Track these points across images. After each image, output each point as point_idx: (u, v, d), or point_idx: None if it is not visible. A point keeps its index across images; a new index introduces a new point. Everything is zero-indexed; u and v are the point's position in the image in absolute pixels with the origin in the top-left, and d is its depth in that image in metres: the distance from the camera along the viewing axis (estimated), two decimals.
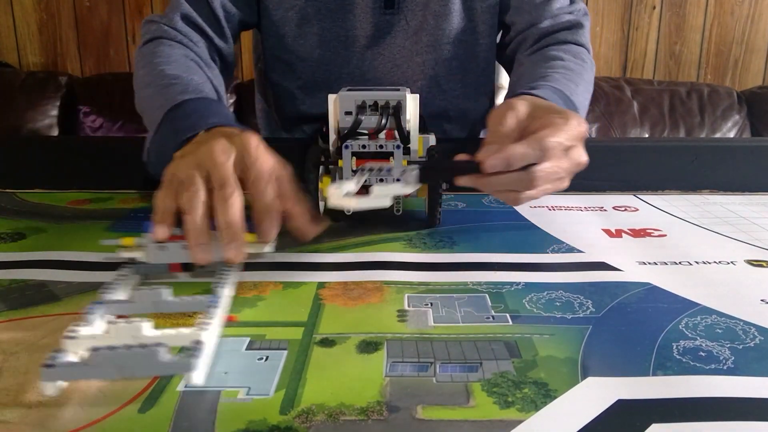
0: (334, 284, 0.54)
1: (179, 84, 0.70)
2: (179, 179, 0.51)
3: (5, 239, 0.64)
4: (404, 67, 0.92)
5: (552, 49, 0.87)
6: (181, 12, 0.85)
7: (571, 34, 0.89)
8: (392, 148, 0.61)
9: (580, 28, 0.90)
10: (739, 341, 0.44)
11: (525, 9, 0.90)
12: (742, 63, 2.34)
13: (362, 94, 0.63)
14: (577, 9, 0.92)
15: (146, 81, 0.75)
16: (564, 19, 0.90)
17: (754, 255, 0.61)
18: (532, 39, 0.90)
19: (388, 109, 0.62)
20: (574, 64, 0.82)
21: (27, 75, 2.12)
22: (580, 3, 0.93)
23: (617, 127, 2.07)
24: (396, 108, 0.62)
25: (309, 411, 0.36)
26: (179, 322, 0.46)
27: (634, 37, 2.31)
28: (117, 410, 0.36)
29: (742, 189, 0.84)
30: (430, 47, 0.91)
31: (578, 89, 0.77)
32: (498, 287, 0.53)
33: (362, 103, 0.63)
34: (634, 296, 0.51)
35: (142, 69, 0.78)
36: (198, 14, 0.85)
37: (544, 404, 0.37)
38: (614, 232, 0.67)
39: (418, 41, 0.90)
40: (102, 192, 0.82)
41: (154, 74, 0.74)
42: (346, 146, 0.61)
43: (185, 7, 0.85)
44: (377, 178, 0.56)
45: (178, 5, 0.85)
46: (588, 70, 0.84)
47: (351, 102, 0.63)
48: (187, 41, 0.84)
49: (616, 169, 0.84)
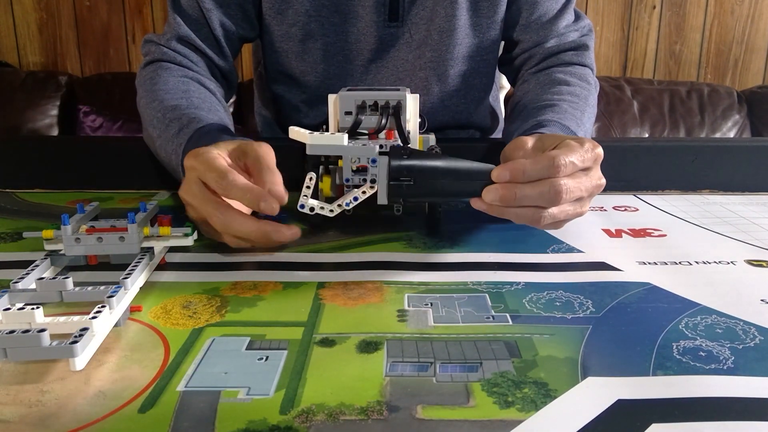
0: (334, 284, 0.54)
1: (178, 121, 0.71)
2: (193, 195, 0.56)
3: (5, 239, 0.64)
4: (407, 81, 0.91)
5: (558, 71, 0.87)
6: (178, 34, 0.85)
7: (576, 55, 0.89)
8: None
9: (585, 50, 0.90)
10: (739, 341, 0.44)
11: (532, 28, 0.90)
12: (742, 62, 2.34)
13: (362, 94, 0.63)
14: (582, 26, 0.92)
15: (149, 113, 0.76)
16: (570, 38, 0.90)
17: (754, 255, 0.61)
18: (538, 58, 0.91)
19: (388, 109, 0.62)
20: (580, 88, 0.83)
21: (27, 75, 2.12)
22: (585, 19, 0.93)
23: (617, 126, 2.07)
24: (396, 108, 0.62)
25: (309, 411, 0.36)
26: (88, 311, 0.45)
27: (634, 37, 2.31)
28: (117, 410, 0.36)
29: (742, 189, 0.84)
30: (434, 62, 0.90)
31: (584, 117, 0.78)
32: (498, 287, 0.53)
33: (362, 103, 0.62)
34: (634, 296, 0.51)
35: (145, 96, 0.79)
36: (196, 35, 0.85)
37: (544, 404, 0.37)
38: (614, 232, 0.67)
39: (422, 56, 0.90)
40: (102, 192, 0.82)
41: (155, 106, 0.75)
42: None
43: (183, 29, 0.85)
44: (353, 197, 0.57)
45: (176, 26, 0.85)
46: (592, 93, 0.85)
47: (351, 102, 0.62)
48: (187, 62, 0.84)
49: (616, 169, 0.84)
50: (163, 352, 0.43)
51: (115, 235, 0.54)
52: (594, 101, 0.84)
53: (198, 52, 0.86)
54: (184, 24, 0.85)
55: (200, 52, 0.86)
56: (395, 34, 0.88)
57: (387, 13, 0.87)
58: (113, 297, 0.44)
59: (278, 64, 0.94)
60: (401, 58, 0.90)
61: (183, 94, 0.76)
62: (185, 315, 0.48)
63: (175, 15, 0.86)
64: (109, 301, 0.44)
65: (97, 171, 0.85)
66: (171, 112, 0.73)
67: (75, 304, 0.48)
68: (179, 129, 0.69)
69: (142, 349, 0.43)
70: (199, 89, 0.80)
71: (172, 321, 0.47)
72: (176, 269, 0.57)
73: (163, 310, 0.49)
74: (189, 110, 0.72)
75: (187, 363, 0.41)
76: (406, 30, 0.88)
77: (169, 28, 0.87)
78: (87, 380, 0.39)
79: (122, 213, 0.57)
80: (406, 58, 0.90)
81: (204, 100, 0.77)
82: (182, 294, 0.52)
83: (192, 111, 0.72)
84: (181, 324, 0.46)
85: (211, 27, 0.85)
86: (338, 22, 0.87)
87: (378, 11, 0.86)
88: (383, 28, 0.87)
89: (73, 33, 2.24)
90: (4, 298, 0.45)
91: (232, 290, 0.52)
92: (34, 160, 0.86)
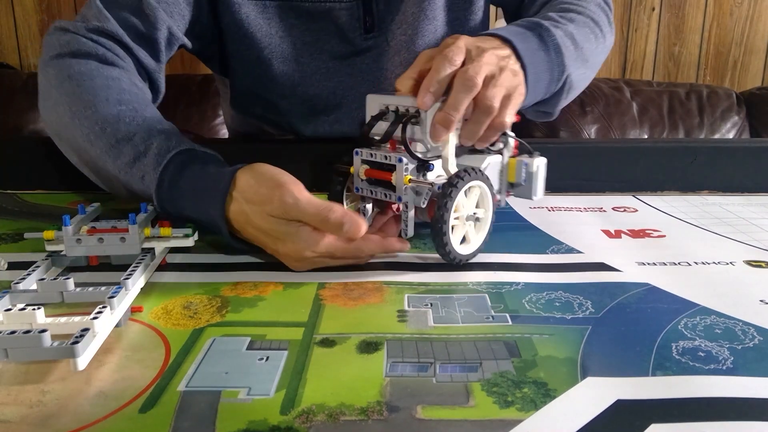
0: (334, 284, 0.54)
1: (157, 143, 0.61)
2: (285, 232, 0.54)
3: (6, 240, 0.64)
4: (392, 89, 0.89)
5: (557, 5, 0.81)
6: (103, 28, 0.72)
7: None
8: (395, 160, 0.56)
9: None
10: (738, 341, 0.44)
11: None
12: (741, 64, 2.34)
13: (385, 98, 0.60)
14: None
15: (82, 123, 0.64)
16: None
17: (753, 255, 0.61)
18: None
19: (401, 118, 0.58)
20: (579, 8, 0.77)
21: (28, 76, 2.12)
22: None
23: (616, 128, 2.07)
24: (406, 116, 0.58)
25: (309, 411, 0.36)
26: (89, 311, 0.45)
27: (634, 39, 2.31)
28: (118, 410, 0.36)
29: (741, 190, 0.84)
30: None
31: (568, 24, 0.71)
32: (498, 287, 0.53)
33: (385, 108, 0.60)
34: (634, 296, 0.52)
35: (65, 99, 0.66)
36: (126, 31, 0.73)
37: (544, 404, 0.37)
38: (613, 232, 0.67)
39: (403, 61, 0.88)
40: (103, 193, 0.82)
41: (89, 115, 0.64)
42: (356, 152, 0.59)
43: (110, 24, 0.72)
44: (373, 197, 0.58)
45: (102, 18, 0.72)
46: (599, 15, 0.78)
47: (376, 106, 0.61)
48: (112, 57, 0.71)
49: (615, 170, 0.84)
50: (164, 352, 0.43)
51: (116, 236, 0.54)
52: (596, 20, 0.78)
53: (125, 49, 0.73)
54: (112, 18, 0.72)
55: (127, 49, 0.73)
56: (373, 45, 0.86)
57: (362, 27, 0.85)
58: (114, 297, 0.44)
59: (254, 87, 0.89)
60: (382, 67, 0.88)
61: (122, 104, 0.65)
62: (186, 315, 0.48)
63: (100, 6, 0.73)
64: (110, 301, 0.44)
65: None
66: (115, 126, 0.63)
67: (76, 304, 0.48)
68: (143, 151, 0.61)
69: (143, 349, 0.43)
70: (138, 96, 0.68)
71: (172, 321, 0.47)
72: (177, 270, 0.57)
73: (164, 311, 0.49)
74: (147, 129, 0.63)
75: (188, 363, 0.41)
76: (383, 39, 0.86)
77: (89, 18, 0.73)
78: (88, 380, 0.39)
79: (123, 214, 0.57)
80: (386, 66, 0.88)
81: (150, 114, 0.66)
82: (183, 294, 0.52)
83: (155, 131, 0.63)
84: (181, 324, 0.47)
85: (154, 25, 0.74)
86: (311, 41, 0.85)
87: (352, 26, 0.84)
88: (361, 41, 0.86)
89: None
90: (5, 299, 0.45)
91: (232, 291, 0.52)
92: (35, 161, 0.86)
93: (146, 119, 0.64)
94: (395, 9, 0.85)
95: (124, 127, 0.63)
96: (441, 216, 0.54)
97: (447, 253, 0.56)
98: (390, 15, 0.85)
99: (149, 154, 0.60)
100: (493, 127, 0.58)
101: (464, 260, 0.58)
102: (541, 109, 0.76)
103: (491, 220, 0.60)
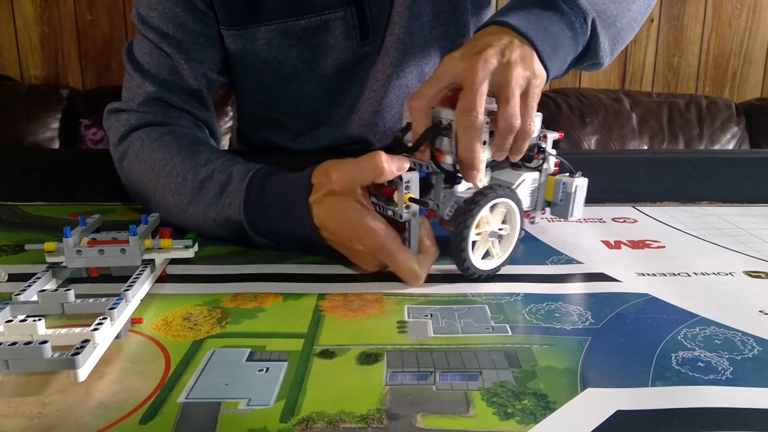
0: (334, 295, 0.54)
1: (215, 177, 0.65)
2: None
3: (7, 252, 0.65)
4: (390, 94, 0.88)
5: None
6: (148, 95, 0.77)
7: None
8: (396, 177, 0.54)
9: None
10: (737, 352, 0.44)
11: None
12: (740, 75, 2.35)
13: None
14: None
15: (172, 180, 0.68)
16: None
17: (753, 266, 0.61)
18: None
19: (433, 129, 0.56)
20: None
21: (28, 88, 2.13)
22: None
23: (616, 139, 2.08)
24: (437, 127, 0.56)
25: (309, 419, 0.36)
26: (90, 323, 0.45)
27: (633, 50, 2.32)
28: (118, 421, 0.36)
29: (741, 200, 0.84)
30: (410, 66, 0.88)
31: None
32: (497, 298, 0.53)
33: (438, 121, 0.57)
34: (633, 307, 0.52)
35: (145, 164, 0.71)
36: (170, 93, 0.77)
37: (544, 416, 0.37)
38: (613, 243, 0.67)
39: (399, 63, 0.87)
40: (103, 204, 0.83)
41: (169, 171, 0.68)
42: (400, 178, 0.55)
43: (152, 89, 0.77)
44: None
45: (144, 87, 0.77)
46: None
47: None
48: (168, 120, 0.76)
49: (615, 181, 0.84)
50: (164, 363, 0.43)
51: (117, 248, 0.55)
52: None
53: (177, 108, 0.78)
54: (155, 86, 0.77)
55: (179, 108, 0.78)
56: (369, 50, 0.87)
57: (358, 35, 0.85)
58: (114, 309, 0.44)
59: (258, 109, 0.91)
60: (380, 71, 0.88)
61: (194, 155, 0.69)
62: (186, 327, 0.48)
63: (137, 74, 0.78)
64: (111, 313, 0.44)
65: (99, 183, 0.85)
66: (195, 172, 0.66)
67: (76, 316, 0.48)
68: (225, 181, 0.64)
69: (143, 360, 0.43)
70: (204, 144, 0.73)
71: (172, 333, 0.47)
72: (177, 281, 0.57)
73: (164, 322, 0.49)
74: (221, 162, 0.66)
75: (188, 374, 0.41)
76: (378, 43, 0.87)
77: (134, 91, 0.78)
78: (88, 392, 0.39)
79: (123, 225, 0.57)
80: (385, 70, 0.88)
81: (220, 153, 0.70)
82: (183, 306, 0.52)
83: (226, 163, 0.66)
84: (181, 336, 0.47)
85: (192, 78, 0.78)
86: (309, 58, 0.85)
87: (349, 34, 0.84)
88: (358, 48, 0.86)
89: (75, 46, 2.25)
90: (6, 310, 0.45)
91: (232, 302, 0.53)
92: (35, 172, 0.87)
93: (219, 158, 0.68)
94: (386, 11, 0.85)
95: (203, 170, 0.66)
96: (461, 232, 0.54)
97: (466, 269, 0.56)
98: (382, 18, 0.86)
99: (232, 181, 0.64)
100: (520, 137, 0.56)
101: (484, 275, 0.57)
102: (584, 63, 0.71)
103: (519, 236, 0.59)
